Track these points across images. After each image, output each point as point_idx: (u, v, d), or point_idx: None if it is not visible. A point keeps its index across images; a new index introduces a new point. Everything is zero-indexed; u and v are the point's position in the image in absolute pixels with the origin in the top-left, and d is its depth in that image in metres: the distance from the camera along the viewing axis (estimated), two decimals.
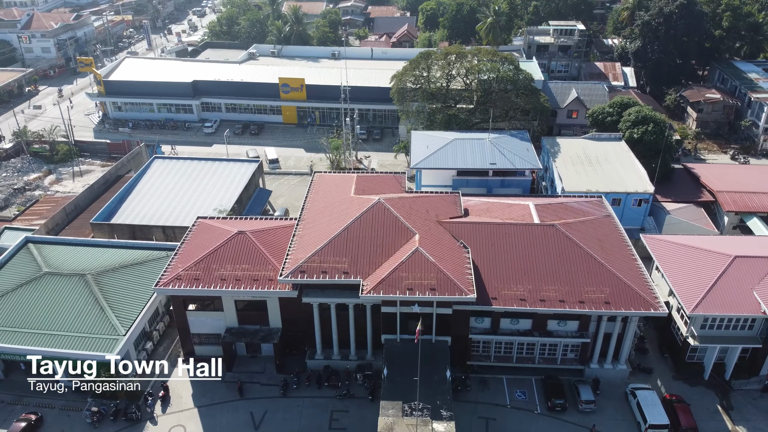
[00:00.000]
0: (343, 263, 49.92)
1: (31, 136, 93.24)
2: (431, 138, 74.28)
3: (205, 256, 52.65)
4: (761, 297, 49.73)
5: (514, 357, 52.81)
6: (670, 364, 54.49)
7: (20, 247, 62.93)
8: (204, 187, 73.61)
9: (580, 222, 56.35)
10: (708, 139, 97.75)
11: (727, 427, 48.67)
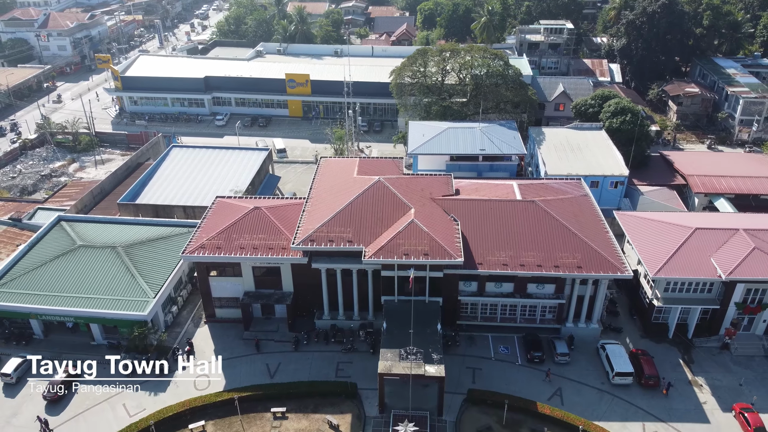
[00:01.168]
0: (347, 233, 56.69)
1: (55, 128, 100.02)
2: (427, 127, 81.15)
3: (226, 228, 59.45)
4: (718, 263, 56.41)
5: (498, 317, 59.60)
6: (638, 325, 61.24)
7: (54, 225, 69.74)
8: (219, 172, 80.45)
9: (558, 199, 63.15)
10: (687, 131, 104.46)
11: (688, 378, 55.37)
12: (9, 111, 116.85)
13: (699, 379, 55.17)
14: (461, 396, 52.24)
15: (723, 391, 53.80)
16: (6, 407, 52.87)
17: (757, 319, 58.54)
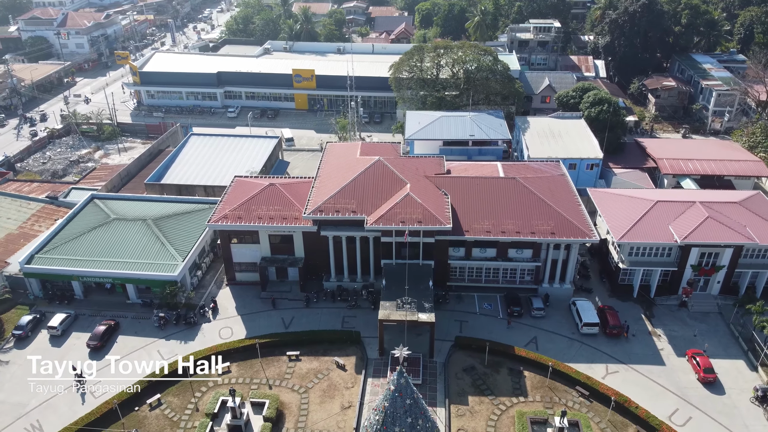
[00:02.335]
0: (351, 204, 65.02)
1: (80, 118, 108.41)
2: (422, 116, 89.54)
3: (245, 201, 67.80)
4: (675, 230, 64.71)
5: (483, 279, 67.92)
6: (607, 286, 69.55)
7: (87, 202, 78.03)
8: (234, 156, 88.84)
9: (537, 177, 71.51)
10: (665, 121, 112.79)
11: (648, 329, 63.64)
12: (33, 104, 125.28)
13: (658, 331, 63.49)
14: (449, 342, 60.55)
15: (678, 341, 62.03)
16: (53, 355, 61.07)
17: (712, 280, 66.79)
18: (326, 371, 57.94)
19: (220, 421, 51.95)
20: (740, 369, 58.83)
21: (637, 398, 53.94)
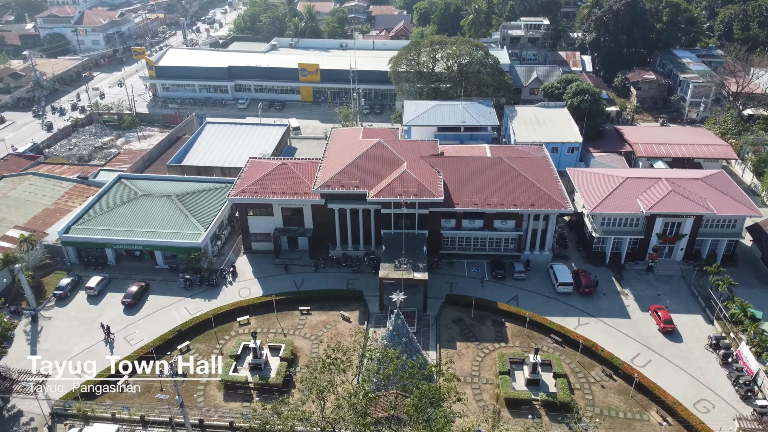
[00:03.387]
0: (355, 180, 73.28)
1: (102, 109, 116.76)
2: (419, 105, 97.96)
3: (260, 179, 76.09)
4: (642, 202, 72.97)
5: (471, 247, 76.25)
6: (582, 254, 77.89)
7: (115, 182, 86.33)
8: (247, 142, 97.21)
9: (520, 158, 79.86)
10: (646, 111, 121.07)
11: (617, 290, 71.96)
12: (55, 96, 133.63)
13: (626, 291, 71.85)
14: (441, 300, 68.88)
15: (644, 299, 70.35)
16: (92, 312, 69.47)
17: (676, 247, 75.10)
18: (333, 323, 66.31)
19: (242, 361, 60.28)
20: (697, 322, 67.15)
21: (603, 344, 62.29)
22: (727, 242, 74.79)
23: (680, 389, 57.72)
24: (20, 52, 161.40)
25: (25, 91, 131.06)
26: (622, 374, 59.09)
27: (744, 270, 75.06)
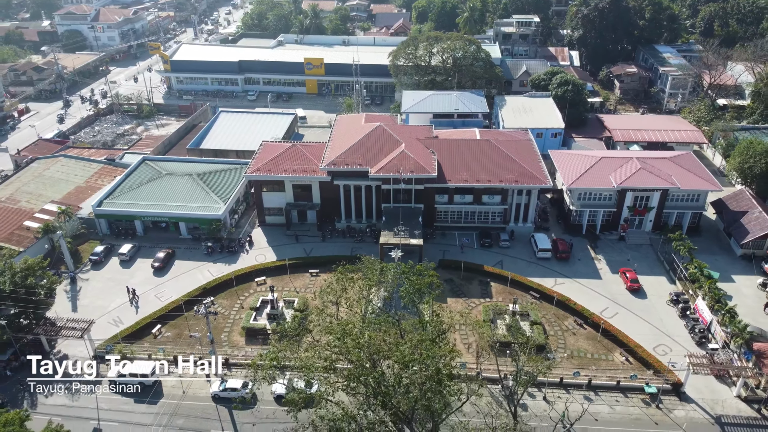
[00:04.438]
0: (358, 159, 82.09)
1: (122, 99, 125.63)
2: (416, 94, 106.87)
3: (273, 158, 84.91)
4: (614, 178, 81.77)
5: (462, 220, 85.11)
6: (562, 226, 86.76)
7: (140, 163, 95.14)
8: (259, 128, 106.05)
9: (506, 140, 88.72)
10: (628, 102, 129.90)
11: (591, 256, 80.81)
12: (75, 88, 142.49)
13: (599, 256, 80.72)
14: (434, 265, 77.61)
15: (614, 263, 79.20)
16: (125, 274, 78.30)
17: (645, 219, 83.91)
18: None
19: (261, 312, 69.22)
20: (661, 282, 76.03)
21: (576, 300, 71.19)
22: (692, 214, 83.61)
23: (642, 336, 66.55)
24: (38, 48, 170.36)
25: (48, 83, 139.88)
26: (592, 324, 68.00)
27: (707, 239, 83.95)
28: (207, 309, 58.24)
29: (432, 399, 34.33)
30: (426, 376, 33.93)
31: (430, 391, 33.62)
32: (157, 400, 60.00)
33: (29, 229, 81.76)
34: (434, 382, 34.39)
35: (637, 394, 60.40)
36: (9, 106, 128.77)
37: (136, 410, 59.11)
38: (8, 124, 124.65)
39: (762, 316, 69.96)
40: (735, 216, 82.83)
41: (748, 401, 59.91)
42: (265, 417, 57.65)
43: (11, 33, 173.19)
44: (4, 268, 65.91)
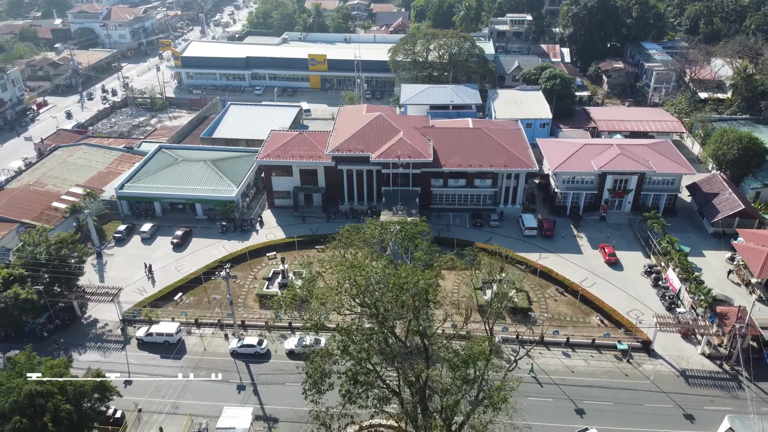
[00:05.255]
0: (360, 145, 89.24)
1: (136, 93, 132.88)
2: (414, 87, 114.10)
3: (282, 145, 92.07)
4: (595, 163, 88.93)
5: (456, 202, 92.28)
6: (548, 207, 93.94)
7: (157, 151, 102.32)
8: (266, 119, 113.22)
9: (497, 129, 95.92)
10: (615, 96, 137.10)
11: (574, 234, 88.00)
12: (89, 83, 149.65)
13: (581, 234, 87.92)
14: None
15: (595, 240, 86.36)
16: (146, 250, 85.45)
17: (624, 200, 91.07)
18: None
19: (273, 282, 76.41)
20: (637, 257, 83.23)
21: (558, 271, 78.37)
22: (667, 196, 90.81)
23: (617, 302, 73.78)
24: (52, 45, 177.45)
25: (64, 78, 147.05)
26: (571, 292, 75.20)
27: (682, 220, 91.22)
28: (227, 272, 65.39)
29: (420, 316, 41.65)
30: (416, 292, 41.24)
31: (419, 301, 40.93)
32: (180, 356, 67.18)
33: (57, 210, 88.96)
34: (422, 300, 41.76)
35: (610, 351, 67.58)
36: (28, 100, 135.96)
37: (163, 365, 66.25)
38: (28, 116, 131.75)
39: (728, 285, 77.32)
40: (707, 197, 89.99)
41: (711, 358, 67.04)
42: (278, 369, 64.90)
43: (25, 31, 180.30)
44: (40, 241, 73.22)
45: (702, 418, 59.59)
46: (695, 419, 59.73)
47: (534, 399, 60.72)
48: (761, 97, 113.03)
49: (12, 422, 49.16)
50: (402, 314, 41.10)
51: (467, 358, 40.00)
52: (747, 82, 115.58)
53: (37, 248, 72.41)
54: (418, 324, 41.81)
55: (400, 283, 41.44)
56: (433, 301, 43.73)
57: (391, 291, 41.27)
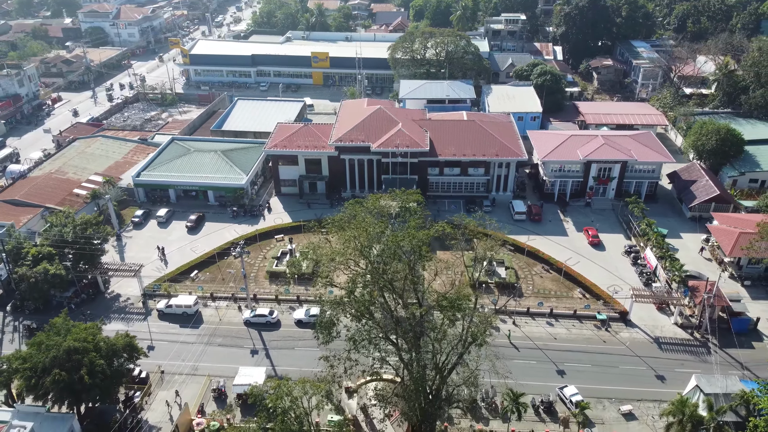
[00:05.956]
0: (361, 136, 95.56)
1: (147, 89, 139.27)
2: (412, 83, 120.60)
3: (288, 136, 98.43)
4: (581, 152, 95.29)
5: (451, 189, 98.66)
6: (537, 194, 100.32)
7: (170, 142, 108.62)
8: (272, 113, 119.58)
9: (490, 121, 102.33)
10: (604, 92, 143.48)
11: (560, 218, 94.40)
12: (101, 79, 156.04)
13: (567, 218, 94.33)
14: None
15: (580, 224, 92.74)
16: (163, 233, 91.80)
17: (608, 187, 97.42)
18: None
19: (281, 260, 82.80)
20: (618, 238, 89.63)
21: (544, 251, 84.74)
22: (648, 183, 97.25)
23: (598, 278, 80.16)
24: (63, 43, 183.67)
25: (77, 75, 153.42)
26: (556, 269, 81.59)
27: (663, 205, 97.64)
28: (241, 248, 71.81)
29: (415, 269, 48.31)
30: (411, 246, 47.83)
31: (415, 253, 47.58)
32: (198, 326, 73.55)
33: (78, 196, 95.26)
34: (416, 254, 48.35)
35: (590, 321, 73.99)
36: (44, 95, 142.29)
37: (182, 333, 72.64)
38: (44, 110, 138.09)
39: (701, 262, 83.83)
40: (686, 184, 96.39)
41: (683, 327, 73.48)
42: (288, 336, 71.32)
43: (37, 29, 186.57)
44: (67, 222, 79.58)
45: (672, 378, 65.92)
46: (666, 379, 66.10)
47: (520, 362, 67.13)
48: (742, 92, 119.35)
49: (52, 374, 55.41)
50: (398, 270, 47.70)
51: (454, 301, 46.56)
52: (728, 77, 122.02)
53: (64, 228, 78.71)
54: (413, 276, 48.34)
55: (398, 239, 48.01)
56: (425, 257, 50.38)
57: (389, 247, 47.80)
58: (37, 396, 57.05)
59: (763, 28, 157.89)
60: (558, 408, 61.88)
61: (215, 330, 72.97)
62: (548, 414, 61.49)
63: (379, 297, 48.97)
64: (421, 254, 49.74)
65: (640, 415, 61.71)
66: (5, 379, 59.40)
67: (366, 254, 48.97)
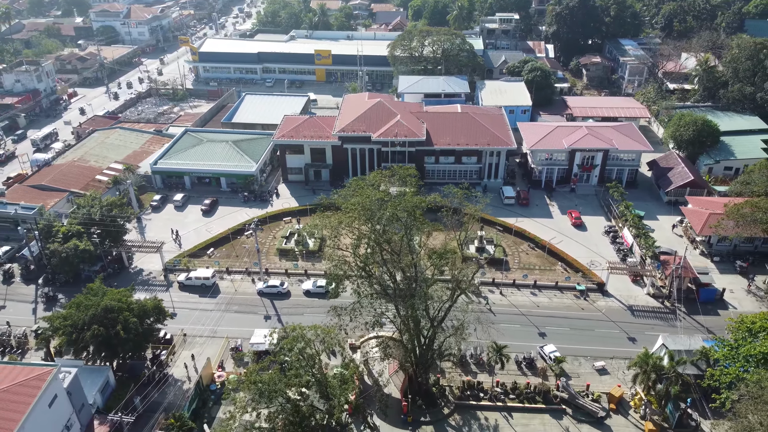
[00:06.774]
0: (363, 126, 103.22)
1: (159, 84, 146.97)
2: (410, 78, 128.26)
3: (295, 127, 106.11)
4: (566, 142, 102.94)
5: (446, 177, 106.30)
6: (526, 182, 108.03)
7: (183, 133, 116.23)
8: (279, 107, 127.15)
9: (482, 114, 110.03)
10: (593, 88, 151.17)
11: (547, 203, 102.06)
12: (114, 76, 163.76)
13: (553, 203, 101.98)
14: None
15: (565, 208, 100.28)
16: (179, 216, 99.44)
17: (591, 174, 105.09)
18: None
19: (290, 239, 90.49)
20: (599, 220, 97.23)
21: (531, 231, 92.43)
22: (629, 171, 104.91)
23: (579, 255, 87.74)
24: (75, 41, 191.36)
25: (91, 71, 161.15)
26: (540, 247, 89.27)
27: (642, 191, 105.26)
28: (256, 225, 79.52)
29: (411, 230, 56.31)
30: (408, 209, 55.83)
31: (410, 215, 55.57)
32: (216, 296, 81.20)
33: (100, 182, 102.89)
34: (412, 217, 56.26)
35: (570, 291, 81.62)
36: (61, 91, 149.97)
37: (201, 302, 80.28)
38: (61, 105, 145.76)
39: (674, 240, 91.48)
40: (663, 171, 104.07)
41: (655, 297, 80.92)
42: (297, 305, 79.03)
43: (50, 28, 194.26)
44: (93, 204, 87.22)
45: (642, 339, 73.45)
46: (636, 341, 73.64)
47: (505, 325, 74.70)
48: (721, 87, 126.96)
49: (91, 329, 63.00)
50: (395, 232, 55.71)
51: (441, 253, 54.36)
52: (708, 73, 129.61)
53: (92, 209, 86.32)
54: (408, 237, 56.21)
55: (395, 204, 55.88)
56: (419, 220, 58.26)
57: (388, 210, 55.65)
58: (76, 350, 64.58)
59: (746, 26, 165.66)
60: (538, 364, 69.56)
61: (231, 299, 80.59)
62: (529, 368, 69.16)
63: (377, 256, 56.73)
64: (416, 217, 57.52)
65: (612, 370, 69.32)
66: (47, 338, 67.11)
67: (368, 217, 56.66)
